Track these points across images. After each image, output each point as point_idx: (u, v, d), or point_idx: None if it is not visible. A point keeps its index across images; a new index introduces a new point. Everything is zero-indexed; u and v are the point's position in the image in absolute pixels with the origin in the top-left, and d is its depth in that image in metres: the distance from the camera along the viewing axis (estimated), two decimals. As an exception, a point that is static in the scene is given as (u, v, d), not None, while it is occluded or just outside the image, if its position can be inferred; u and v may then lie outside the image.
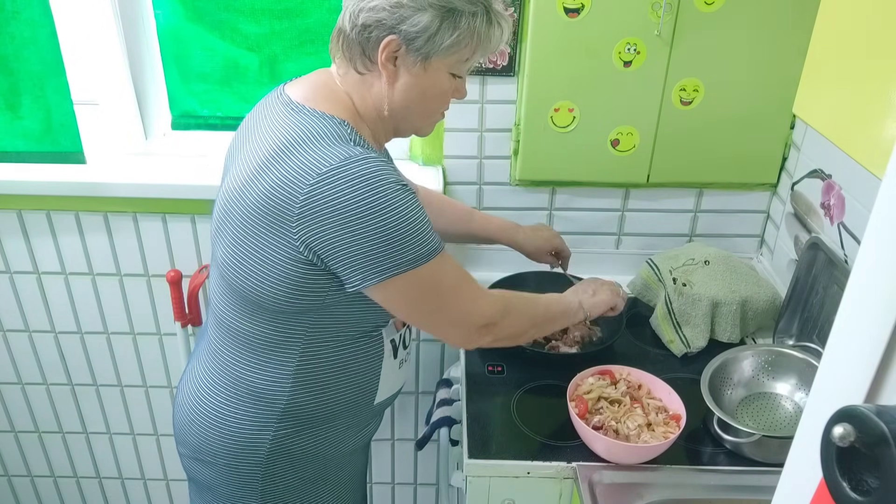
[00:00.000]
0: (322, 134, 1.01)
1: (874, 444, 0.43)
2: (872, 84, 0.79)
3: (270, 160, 1.02)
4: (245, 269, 1.06)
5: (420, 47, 1.04)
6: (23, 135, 1.71)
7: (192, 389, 1.23)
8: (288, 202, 0.99)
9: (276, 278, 1.04)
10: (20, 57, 1.62)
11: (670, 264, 1.57)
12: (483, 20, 1.05)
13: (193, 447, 1.23)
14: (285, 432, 1.18)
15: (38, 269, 1.76)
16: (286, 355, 1.13)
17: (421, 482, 2.09)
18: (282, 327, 1.11)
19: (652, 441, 1.21)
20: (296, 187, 0.98)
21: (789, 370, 1.35)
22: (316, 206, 0.97)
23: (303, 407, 1.16)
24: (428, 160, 1.66)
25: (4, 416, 1.98)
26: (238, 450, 1.18)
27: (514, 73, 1.55)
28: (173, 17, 1.61)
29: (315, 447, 1.21)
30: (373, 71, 1.07)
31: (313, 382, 1.15)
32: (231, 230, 1.07)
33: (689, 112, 1.55)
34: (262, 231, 1.02)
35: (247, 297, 1.09)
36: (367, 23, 1.03)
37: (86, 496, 2.13)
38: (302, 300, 1.07)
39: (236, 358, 1.16)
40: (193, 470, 1.27)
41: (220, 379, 1.19)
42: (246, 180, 1.04)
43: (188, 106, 1.71)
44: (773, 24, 1.47)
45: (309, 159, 0.99)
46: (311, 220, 0.98)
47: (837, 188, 1.41)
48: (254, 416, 1.17)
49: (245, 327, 1.13)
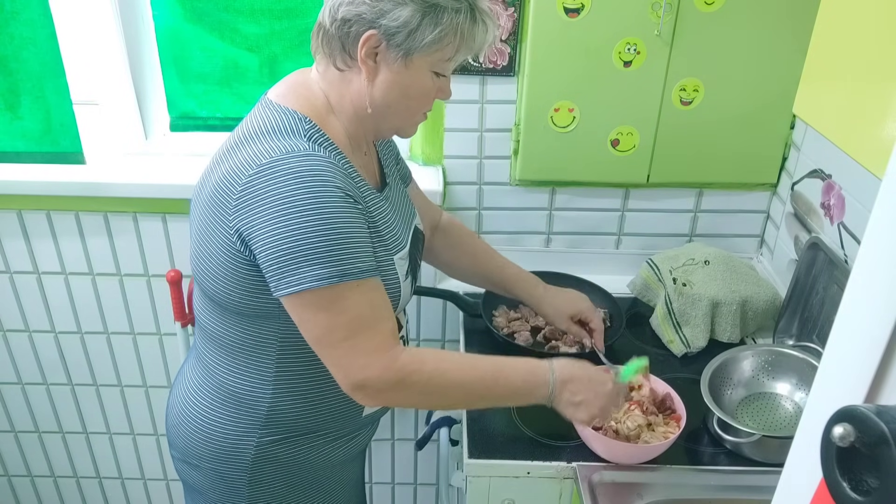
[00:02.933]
0: (275, 128, 1.01)
1: (874, 444, 0.43)
2: (872, 84, 0.79)
3: (225, 153, 1.03)
4: (203, 266, 1.06)
5: (400, 43, 1.00)
6: (22, 135, 1.71)
7: (182, 392, 1.23)
8: (229, 193, 0.99)
9: (226, 276, 1.04)
10: (20, 57, 1.62)
11: (670, 264, 1.57)
12: (467, 17, 1.02)
13: (182, 450, 1.22)
14: (270, 439, 1.16)
15: (38, 269, 1.76)
16: (263, 360, 1.11)
17: (421, 482, 2.09)
18: (251, 331, 1.09)
19: (652, 441, 1.21)
20: (238, 178, 0.98)
21: (789, 370, 1.35)
22: (249, 196, 0.96)
23: (285, 415, 1.14)
24: (428, 160, 1.66)
25: (4, 416, 1.98)
26: (223, 454, 1.17)
27: (514, 73, 1.55)
28: (172, 17, 1.61)
29: (302, 455, 1.19)
30: (352, 67, 1.04)
31: (293, 391, 1.13)
32: (194, 226, 1.08)
33: (689, 112, 1.55)
34: (210, 224, 1.03)
35: (212, 298, 1.09)
36: (346, 17, 1.01)
37: (86, 496, 2.13)
38: (257, 303, 1.05)
39: (217, 362, 1.15)
40: (183, 472, 1.26)
41: (205, 383, 1.18)
42: (204, 175, 1.06)
43: (187, 107, 1.71)
44: (773, 23, 1.47)
45: (254, 151, 0.98)
46: (244, 210, 0.97)
47: (837, 188, 1.41)
48: (237, 422, 1.15)
49: (220, 330, 1.12)
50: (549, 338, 1.50)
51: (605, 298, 1.58)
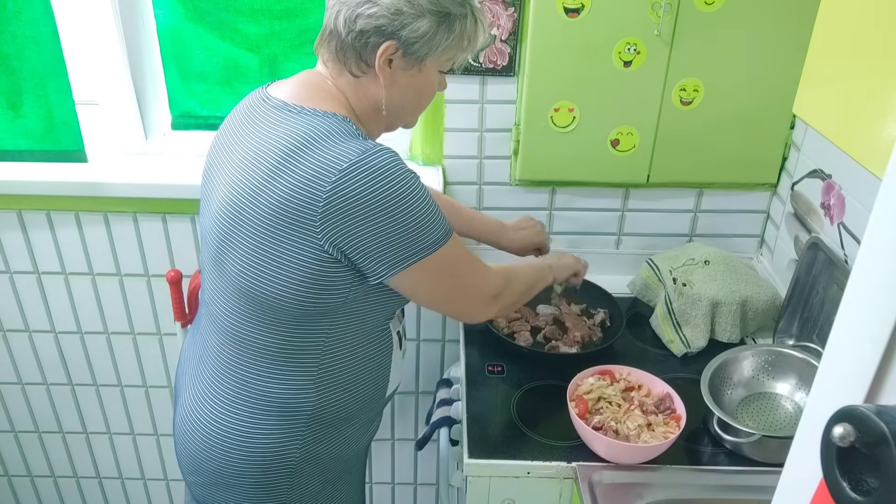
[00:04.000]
0: (331, 132, 1.02)
1: (874, 444, 0.43)
2: (872, 84, 0.79)
3: (282, 163, 1.00)
4: (266, 275, 1.04)
5: (417, 51, 1.06)
6: (24, 134, 1.71)
7: (204, 415, 1.17)
8: (310, 202, 0.98)
9: (300, 280, 1.03)
10: (21, 56, 1.62)
11: (670, 264, 1.57)
12: (471, 21, 1.10)
13: (213, 473, 1.18)
14: (313, 437, 1.16)
15: (38, 269, 1.76)
16: (307, 362, 1.11)
17: (421, 482, 2.09)
18: (301, 332, 1.09)
19: (652, 441, 1.21)
20: (318, 186, 0.98)
21: (789, 370, 1.35)
22: (340, 202, 0.98)
23: (328, 410, 1.15)
24: (428, 160, 1.66)
25: (4, 416, 1.98)
26: (267, 464, 1.15)
27: (514, 73, 1.55)
28: (173, 17, 1.61)
29: (338, 448, 1.20)
30: (367, 73, 1.08)
31: (336, 385, 1.14)
32: (245, 239, 1.04)
33: (689, 112, 1.56)
34: (282, 234, 1.01)
35: (266, 305, 1.07)
36: (364, 29, 1.04)
37: (86, 496, 2.13)
38: (325, 300, 1.06)
39: (255, 372, 1.13)
40: (210, 496, 1.22)
41: (239, 396, 1.14)
42: (255, 187, 1.02)
43: (188, 106, 1.71)
44: (773, 24, 1.47)
45: (326, 157, 0.98)
46: (335, 216, 0.98)
47: (837, 188, 1.41)
48: (281, 428, 1.14)
49: (262, 339, 1.10)
50: (549, 338, 1.50)
51: (605, 298, 1.58)
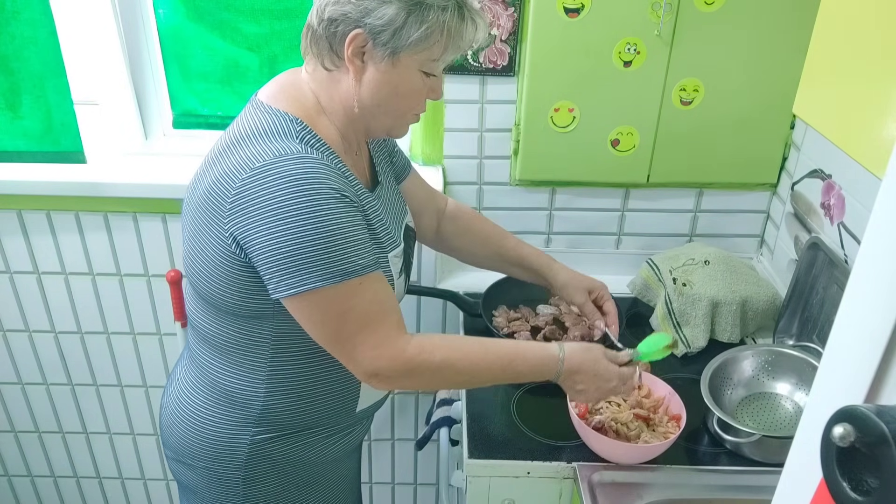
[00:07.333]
0: (267, 130, 1.01)
1: (874, 444, 0.43)
2: (872, 84, 0.79)
3: (217, 157, 1.03)
4: (196, 267, 1.07)
5: (387, 41, 1.00)
6: (23, 134, 1.71)
7: (175, 392, 1.23)
8: (223, 196, 0.99)
9: (220, 278, 1.04)
10: (20, 56, 1.62)
11: (670, 264, 1.57)
12: (454, 15, 1.01)
13: (176, 449, 1.22)
14: (263, 437, 1.16)
15: (38, 269, 1.76)
16: (256, 359, 1.11)
17: (421, 482, 2.09)
18: (245, 331, 1.09)
19: (652, 441, 1.21)
20: (231, 181, 0.98)
21: (789, 370, 1.35)
22: (244, 200, 0.96)
23: (279, 413, 1.15)
24: (428, 160, 1.66)
25: (4, 416, 1.98)
26: (217, 453, 1.17)
27: (514, 73, 1.55)
28: (174, 16, 1.61)
29: (296, 452, 1.19)
30: (340, 67, 1.04)
31: (287, 389, 1.13)
32: (186, 228, 1.08)
33: (689, 112, 1.55)
34: (203, 226, 1.03)
35: (206, 299, 1.09)
36: (333, 16, 1.01)
37: (86, 496, 2.13)
38: (251, 304, 1.05)
39: (211, 361, 1.15)
40: (178, 472, 1.26)
41: (199, 382, 1.18)
42: (196, 177, 1.06)
43: (189, 105, 1.71)
44: (773, 24, 1.47)
45: (247, 155, 0.98)
46: (238, 214, 0.97)
47: (837, 188, 1.41)
48: (231, 420, 1.16)
49: (213, 330, 1.12)
50: (548, 337, 1.50)
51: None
